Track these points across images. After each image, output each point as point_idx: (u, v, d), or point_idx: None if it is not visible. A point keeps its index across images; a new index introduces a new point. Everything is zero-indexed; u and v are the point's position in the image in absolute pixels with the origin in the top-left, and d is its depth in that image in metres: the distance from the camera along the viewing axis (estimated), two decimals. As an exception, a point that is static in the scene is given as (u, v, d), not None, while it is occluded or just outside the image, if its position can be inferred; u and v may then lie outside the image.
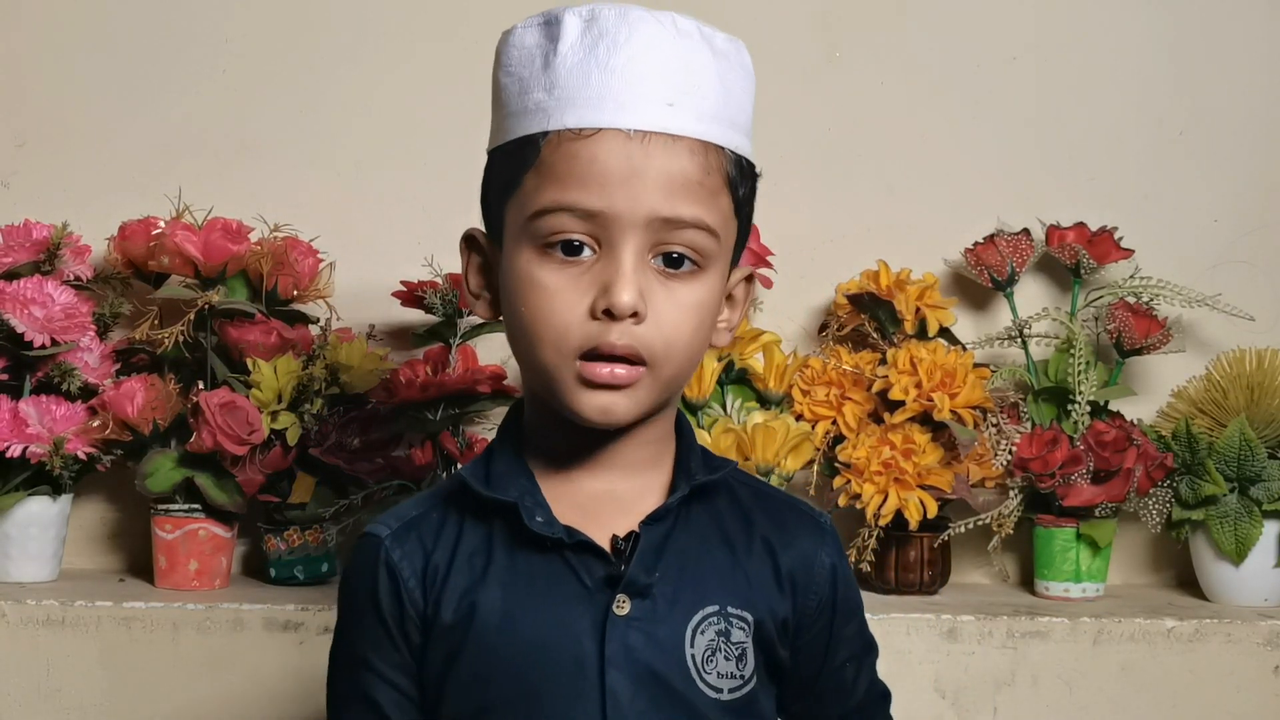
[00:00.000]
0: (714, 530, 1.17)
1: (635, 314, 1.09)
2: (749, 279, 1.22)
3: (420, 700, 1.17)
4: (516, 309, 1.13)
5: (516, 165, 1.13)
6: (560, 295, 1.10)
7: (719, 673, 1.13)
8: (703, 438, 1.80)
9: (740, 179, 1.14)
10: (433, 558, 1.15)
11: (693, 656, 1.13)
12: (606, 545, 1.14)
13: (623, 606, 1.12)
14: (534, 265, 1.11)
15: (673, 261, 1.11)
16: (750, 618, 1.15)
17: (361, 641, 1.17)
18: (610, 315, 1.09)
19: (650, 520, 1.14)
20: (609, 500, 1.16)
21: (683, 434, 1.20)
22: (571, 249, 1.10)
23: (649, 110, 1.09)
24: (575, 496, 1.16)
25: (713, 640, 1.13)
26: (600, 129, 1.09)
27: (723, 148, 1.12)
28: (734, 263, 1.18)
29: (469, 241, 1.20)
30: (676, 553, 1.14)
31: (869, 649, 1.25)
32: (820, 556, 1.20)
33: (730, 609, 1.14)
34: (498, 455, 1.18)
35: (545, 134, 1.11)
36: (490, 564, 1.14)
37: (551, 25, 1.12)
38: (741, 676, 1.14)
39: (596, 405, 1.11)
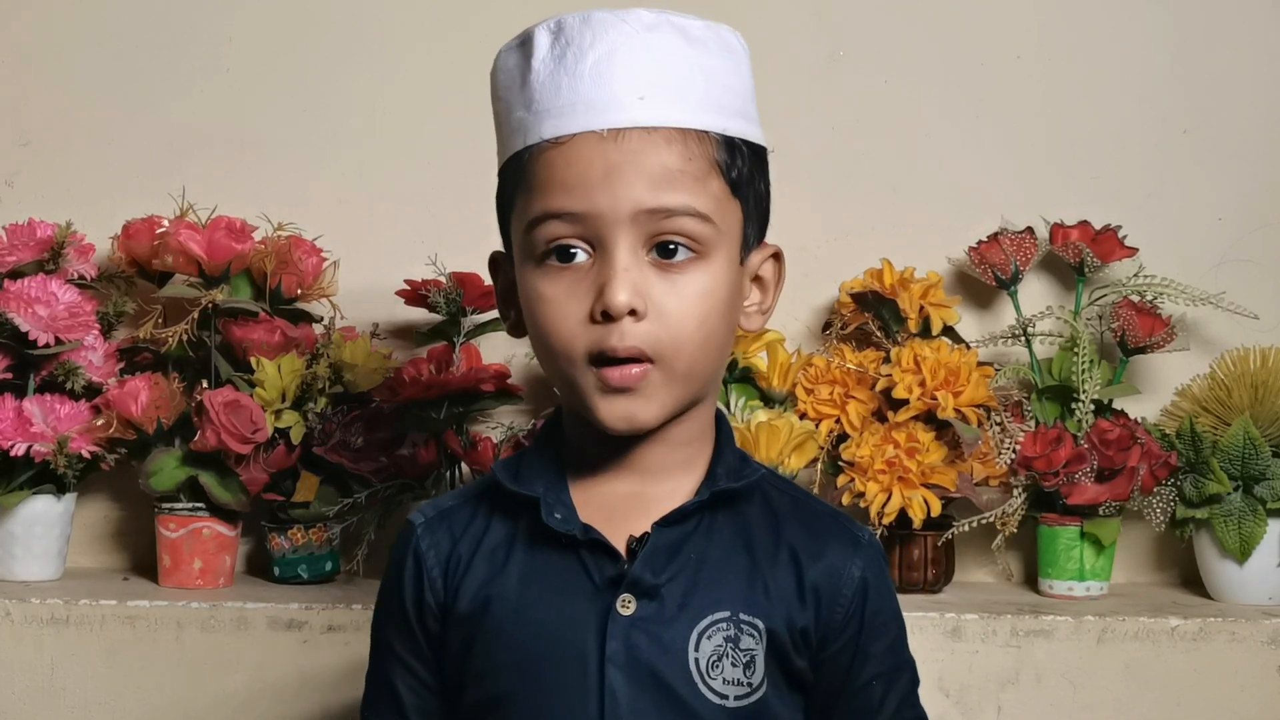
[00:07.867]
0: (737, 537, 1.16)
1: (634, 312, 1.09)
2: (776, 256, 1.21)
3: (439, 687, 1.19)
4: (530, 324, 1.15)
5: (510, 184, 1.15)
6: (561, 304, 1.11)
7: (725, 679, 1.13)
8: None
9: (731, 160, 1.13)
10: (457, 548, 1.18)
11: (696, 661, 1.12)
12: (624, 546, 1.14)
13: (628, 606, 1.12)
14: (536, 278, 1.12)
15: (668, 251, 1.11)
16: (762, 626, 1.14)
17: (388, 624, 1.21)
18: (608, 317, 1.09)
19: (665, 522, 1.14)
20: (636, 502, 1.16)
21: (719, 439, 1.20)
22: (566, 255, 1.11)
23: (620, 108, 1.10)
24: (604, 498, 1.16)
25: (719, 646, 1.13)
26: (574, 134, 1.10)
27: (706, 132, 1.12)
28: (751, 244, 1.17)
29: (493, 264, 1.22)
30: (693, 557, 1.14)
31: (901, 671, 1.20)
32: (850, 569, 1.17)
33: (742, 616, 1.13)
34: (531, 453, 1.20)
35: (528, 148, 1.12)
36: (510, 558, 1.16)
37: (526, 44, 1.14)
38: (749, 684, 1.13)
39: (618, 414, 1.11)
